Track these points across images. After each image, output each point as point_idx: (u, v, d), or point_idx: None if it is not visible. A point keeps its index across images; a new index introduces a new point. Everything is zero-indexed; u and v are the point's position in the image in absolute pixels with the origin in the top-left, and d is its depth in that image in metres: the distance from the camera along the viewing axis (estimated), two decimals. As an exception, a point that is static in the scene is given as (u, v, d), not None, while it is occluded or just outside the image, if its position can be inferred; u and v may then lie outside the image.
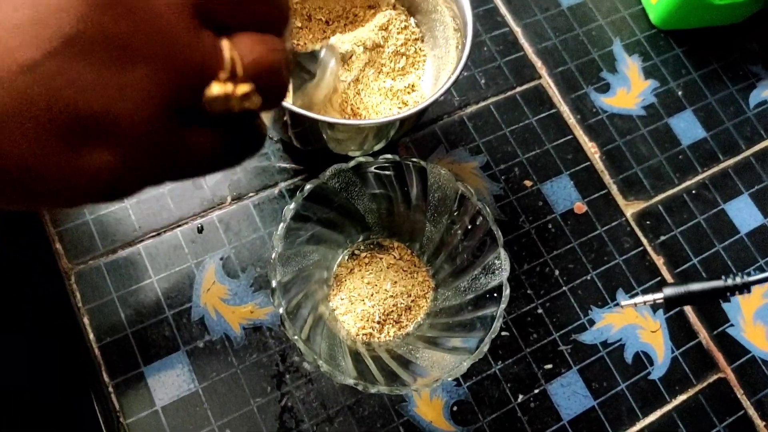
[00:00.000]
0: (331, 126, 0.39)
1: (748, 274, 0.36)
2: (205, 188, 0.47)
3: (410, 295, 0.45)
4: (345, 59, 0.43)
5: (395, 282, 0.45)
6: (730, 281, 0.36)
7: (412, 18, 0.47)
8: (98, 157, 0.16)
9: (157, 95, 0.16)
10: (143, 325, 0.43)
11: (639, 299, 0.38)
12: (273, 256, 0.38)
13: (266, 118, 0.43)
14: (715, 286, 0.36)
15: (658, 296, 0.38)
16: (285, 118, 0.40)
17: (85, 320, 0.43)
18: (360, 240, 0.46)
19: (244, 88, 0.17)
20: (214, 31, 0.17)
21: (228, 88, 0.17)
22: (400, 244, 0.47)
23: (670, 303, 0.38)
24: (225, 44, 0.17)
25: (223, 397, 0.42)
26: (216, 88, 0.17)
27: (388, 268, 0.45)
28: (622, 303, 0.39)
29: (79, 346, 0.43)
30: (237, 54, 0.17)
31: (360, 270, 0.45)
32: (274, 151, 0.49)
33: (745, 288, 0.36)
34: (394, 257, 0.46)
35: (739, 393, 0.48)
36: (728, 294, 0.37)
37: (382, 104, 0.44)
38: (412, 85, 0.44)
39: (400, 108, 0.46)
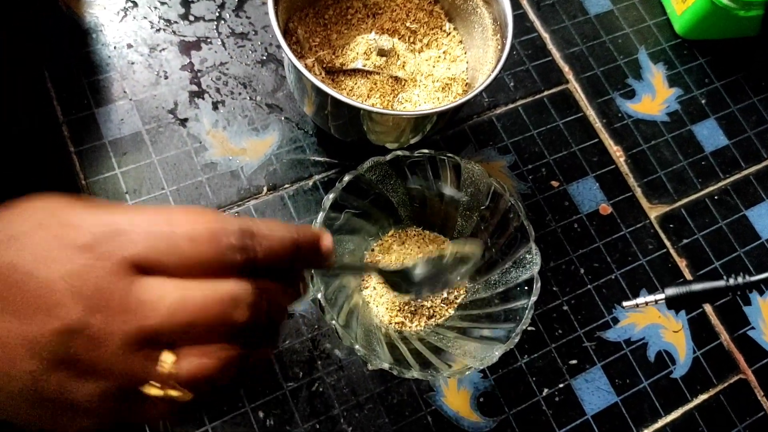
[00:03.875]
0: (371, 117, 0.40)
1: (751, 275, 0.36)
2: (243, 178, 0.48)
3: (441, 287, 0.46)
4: (388, 54, 0.44)
5: (426, 274, 0.46)
6: (732, 281, 0.36)
7: (448, 22, 0.49)
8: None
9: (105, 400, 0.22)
10: (180, 308, 0.44)
11: (641, 300, 0.38)
12: (313, 242, 0.39)
13: (309, 108, 0.45)
14: (717, 286, 0.37)
15: (660, 296, 0.38)
16: (327, 110, 0.41)
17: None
18: (391, 232, 0.47)
19: (173, 393, 0.22)
20: (163, 346, 0.22)
21: (158, 392, 0.22)
22: (431, 238, 0.48)
23: (671, 303, 0.37)
24: (165, 359, 0.22)
25: (256, 380, 0.43)
26: (148, 389, 0.22)
27: (419, 260, 0.46)
28: (624, 304, 0.39)
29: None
30: (174, 368, 0.22)
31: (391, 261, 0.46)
32: (309, 145, 0.50)
33: (747, 288, 0.36)
34: (425, 250, 0.47)
35: (760, 394, 0.49)
36: (730, 294, 0.37)
37: (422, 94, 0.46)
38: (448, 85, 0.46)
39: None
